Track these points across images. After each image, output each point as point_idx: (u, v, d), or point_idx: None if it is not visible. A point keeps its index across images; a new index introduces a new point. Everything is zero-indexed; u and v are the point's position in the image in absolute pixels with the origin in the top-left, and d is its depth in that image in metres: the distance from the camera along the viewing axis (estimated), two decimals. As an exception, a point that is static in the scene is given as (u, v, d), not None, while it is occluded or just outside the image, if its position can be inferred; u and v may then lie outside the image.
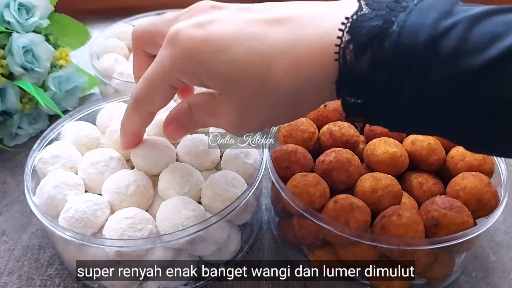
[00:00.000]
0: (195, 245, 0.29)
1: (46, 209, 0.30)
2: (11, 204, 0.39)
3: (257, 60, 0.20)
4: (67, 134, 0.35)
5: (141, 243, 0.27)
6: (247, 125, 0.22)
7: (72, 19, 0.50)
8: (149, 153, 0.31)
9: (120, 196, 0.30)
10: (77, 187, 0.31)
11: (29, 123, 0.46)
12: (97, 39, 0.52)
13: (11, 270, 0.33)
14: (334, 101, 0.38)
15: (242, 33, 0.20)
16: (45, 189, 0.30)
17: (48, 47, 0.44)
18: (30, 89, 0.40)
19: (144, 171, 0.31)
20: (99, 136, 0.37)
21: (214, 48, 0.20)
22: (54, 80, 0.45)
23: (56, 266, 0.33)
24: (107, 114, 0.38)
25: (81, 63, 0.52)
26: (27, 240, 0.36)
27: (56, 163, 0.32)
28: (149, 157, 0.31)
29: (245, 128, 0.23)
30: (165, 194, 0.30)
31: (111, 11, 0.66)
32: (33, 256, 0.34)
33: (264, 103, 0.21)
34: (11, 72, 0.42)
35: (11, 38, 0.41)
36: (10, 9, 0.41)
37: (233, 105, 0.22)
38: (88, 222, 0.28)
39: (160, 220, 0.28)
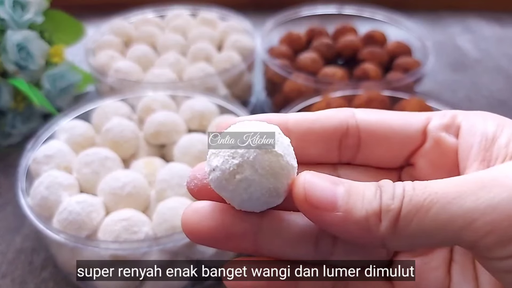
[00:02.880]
0: (193, 248, 0.28)
1: (40, 210, 0.29)
2: (4, 205, 0.38)
3: None
4: (61, 133, 0.35)
5: (137, 246, 0.26)
6: None
7: (67, 15, 0.49)
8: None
9: (115, 197, 0.29)
10: (72, 188, 0.30)
11: (23, 122, 0.45)
12: (93, 36, 0.51)
13: (4, 274, 0.32)
14: (337, 99, 0.37)
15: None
16: (38, 190, 0.30)
17: (42, 44, 0.43)
18: (24, 87, 0.39)
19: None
20: (94, 136, 0.36)
21: None
22: (49, 77, 0.44)
23: (50, 269, 0.33)
24: (103, 113, 0.37)
25: (76, 60, 0.51)
26: (20, 242, 0.35)
27: (50, 163, 0.32)
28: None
29: None
30: (162, 195, 0.30)
31: (107, 7, 0.64)
32: (26, 259, 0.33)
33: None
34: (5, 70, 0.41)
35: (5, 35, 0.40)
36: (4, 5, 0.40)
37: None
38: (82, 224, 0.27)
39: (157, 222, 0.28)
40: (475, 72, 0.59)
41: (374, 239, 0.13)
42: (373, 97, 0.37)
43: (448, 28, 0.71)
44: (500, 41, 0.67)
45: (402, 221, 0.12)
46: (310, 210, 0.13)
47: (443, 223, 0.12)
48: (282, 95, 0.46)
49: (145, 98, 0.38)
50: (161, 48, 0.50)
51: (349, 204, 0.13)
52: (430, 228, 0.12)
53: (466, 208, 0.12)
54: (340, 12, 0.56)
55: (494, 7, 0.74)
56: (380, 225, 0.13)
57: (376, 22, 0.55)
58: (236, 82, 0.47)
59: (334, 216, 0.13)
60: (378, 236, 0.13)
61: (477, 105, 0.53)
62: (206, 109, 0.37)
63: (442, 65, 0.61)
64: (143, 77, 0.45)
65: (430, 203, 0.12)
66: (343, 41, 0.50)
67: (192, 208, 0.15)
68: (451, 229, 0.12)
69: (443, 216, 0.12)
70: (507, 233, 0.12)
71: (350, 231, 0.13)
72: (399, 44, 0.50)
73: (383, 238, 0.13)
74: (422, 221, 0.12)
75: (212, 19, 0.54)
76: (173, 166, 0.31)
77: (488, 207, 0.12)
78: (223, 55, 0.47)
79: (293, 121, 0.16)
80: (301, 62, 0.47)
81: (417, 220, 0.12)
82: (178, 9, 0.57)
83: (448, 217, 0.12)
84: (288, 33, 0.52)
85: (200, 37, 0.50)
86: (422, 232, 0.12)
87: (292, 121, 0.16)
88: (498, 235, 0.12)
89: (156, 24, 0.54)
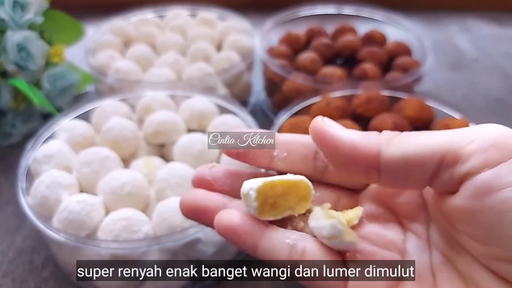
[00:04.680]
0: (193, 247, 0.28)
1: (40, 210, 0.29)
2: (4, 205, 0.38)
3: None
4: (61, 133, 0.35)
5: (137, 245, 0.26)
6: None
7: (67, 16, 0.49)
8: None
9: (115, 197, 0.29)
10: (72, 187, 0.30)
11: (23, 122, 0.45)
12: (92, 36, 0.51)
13: (5, 273, 0.32)
14: (337, 99, 0.37)
15: None
16: (38, 190, 0.30)
17: (42, 44, 0.43)
18: (24, 87, 0.39)
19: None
20: (94, 135, 0.36)
21: None
22: (49, 77, 0.44)
23: (50, 268, 0.33)
24: (102, 112, 0.37)
25: (76, 60, 0.51)
26: (20, 242, 0.35)
27: (50, 163, 0.32)
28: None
29: None
30: (162, 194, 0.30)
31: (106, 7, 0.65)
32: (27, 258, 0.34)
33: None
34: (5, 70, 0.41)
35: (5, 35, 0.40)
36: (4, 5, 0.40)
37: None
38: (82, 223, 0.28)
39: (157, 221, 0.28)
40: (474, 71, 0.60)
41: (371, 144, 0.16)
42: (372, 97, 0.37)
43: (446, 28, 0.71)
44: (498, 40, 0.67)
45: (400, 136, 0.16)
46: (321, 124, 0.17)
47: (434, 136, 0.15)
48: (281, 95, 0.46)
49: (144, 98, 0.38)
50: (161, 48, 0.50)
51: (353, 129, 0.17)
52: (424, 140, 0.15)
53: (455, 132, 0.15)
54: (339, 12, 0.56)
55: (492, 6, 0.74)
56: (379, 137, 0.16)
57: (375, 22, 0.55)
58: (235, 82, 0.47)
59: (341, 129, 0.17)
60: (375, 141, 0.16)
61: (476, 104, 0.53)
62: (206, 109, 0.37)
63: (441, 64, 0.61)
64: (142, 77, 0.45)
65: (422, 133, 0.15)
66: (342, 41, 0.50)
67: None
68: (441, 139, 0.15)
69: (434, 133, 0.15)
70: (487, 140, 0.14)
71: (351, 138, 0.16)
72: (398, 44, 0.50)
73: (379, 143, 0.16)
74: (418, 135, 0.15)
75: (211, 19, 0.55)
76: (172, 166, 0.31)
77: (471, 128, 0.15)
78: (222, 55, 0.47)
79: (279, 136, 0.20)
80: (300, 62, 0.47)
81: (413, 136, 0.15)
82: (177, 9, 0.57)
83: (437, 133, 0.15)
84: (287, 33, 0.52)
85: (199, 37, 0.50)
86: (415, 143, 0.15)
87: (279, 136, 0.20)
88: (481, 140, 0.14)
89: (155, 24, 0.54)
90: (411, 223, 0.18)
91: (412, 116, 0.36)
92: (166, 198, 0.29)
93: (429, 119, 0.37)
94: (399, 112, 0.37)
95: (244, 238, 0.17)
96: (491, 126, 0.15)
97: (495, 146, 0.14)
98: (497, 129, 0.15)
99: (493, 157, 0.14)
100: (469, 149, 0.14)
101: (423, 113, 0.36)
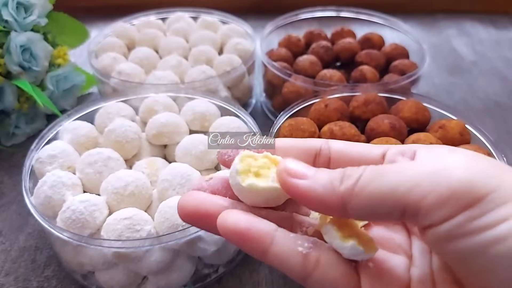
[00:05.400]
0: (194, 246, 0.29)
1: (44, 209, 0.30)
2: (8, 204, 0.39)
3: None
4: (65, 133, 0.35)
5: (139, 244, 0.27)
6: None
7: (71, 18, 0.50)
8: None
9: (118, 197, 0.29)
10: (75, 187, 0.30)
11: (27, 123, 0.45)
12: (96, 38, 0.52)
13: (8, 272, 0.33)
14: (335, 101, 0.38)
15: None
16: (42, 189, 0.30)
17: (46, 46, 0.43)
18: (28, 88, 0.39)
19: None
20: (97, 136, 0.36)
21: None
22: (52, 79, 0.45)
23: (53, 267, 0.33)
24: (106, 113, 0.37)
25: (80, 62, 0.52)
26: (23, 241, 0.35)
27: (54, 163, 0.32)
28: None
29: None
30: (164, 194, 0.30)
31: (110, 10, 0.65)
32: (29, 257, 0.34)
33: None
34: (9, 71, 0.41)
35: (9, 37, 0.41)
36: (8, 7, 0.41)
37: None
38: (85, 223, 0.28)
39: (159, 221, 0.28)
40: (471, 74, 0.60)
41: (335, 198, 0.16)
42: (370, 99, 0.38)
43: (444, 31, 0.72)
44: (496, 44, 0.67)
45: (361, 183, 0.16)
46: (286, 178, 0.17)
47: (395, 186, 0.15)
48: (281, 97, 0.47)
49: (147, 100, 0.39)
50: (163, 50, 0.50)
51: (317, 174, 0.17)
52: (385, 190, 0.15)
53: (414, 174, 0.15)
54: (338, 16, 0.57)
55: (490, 10, 0.75)
56: (342, 185, 0.16)
57: (373, 25, 0.55)
58: (236, 84, 0.48)
59: (305, 182, 0.17)
60: (339, 194, 0.16)
61: (473, 107, 0.53)
62: (207, 110, 0.37)
63: (439, 67, 0.62)
64: (145, 79, 0.45)
65: (384, 171, 0.16)
66: (341, 44, 0.51)
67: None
68: (401, 191, 0.15)
69: (394, 180, 0.15)
70: (444, 193, 0.15)
71: (317, 193, 0.16)
72: (396, 47, 0.51)
73: (343, 196, 0.16)
74: (379, 183, 0.15)
75: (213, 22, 0.55)
76: (174, 166, 0.31)
77: (430, 174, 0.15)
78: (223, 57, 0.47)
79: (278, 142, 0.20)
80: (299, 64, 0.47)
81: (374, 183, 0.16)
82: (180, 12, 0.57)
83: (398, 180, 0.15)
84: (287, 36, 0.53)
85: (201, 40, 0.51)
86: (377, 194, 0.15)
87: (278, 141, 0.20)
88: (437, 193, 0.15)
89: (158, 27, 0.55)
90: (414, 227, 0.19)
91: (409, 117, 0.37)
92: (168, 198, 0.29)
93: (425, 121, 0.37)
94: (396, 113, 0.37)
95: (253, 243, 0.17)
96: (452, 167, 0.15)
97: (453, 197, 0.15)
98: (456, 173, 0.15)
99: (450, 209, 0.15)
100: (427, 203, 0.15)
101: (420, 114, 0.37)
